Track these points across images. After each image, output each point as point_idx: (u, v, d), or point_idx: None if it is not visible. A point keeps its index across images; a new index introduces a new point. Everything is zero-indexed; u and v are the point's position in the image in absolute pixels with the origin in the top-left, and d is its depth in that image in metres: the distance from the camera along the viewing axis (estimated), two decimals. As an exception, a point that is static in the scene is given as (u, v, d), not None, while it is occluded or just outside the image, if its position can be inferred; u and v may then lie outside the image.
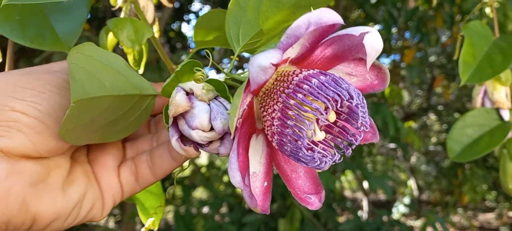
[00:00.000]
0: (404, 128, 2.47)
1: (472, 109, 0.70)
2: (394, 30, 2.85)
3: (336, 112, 0.35)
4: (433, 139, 4.35)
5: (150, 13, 0.70)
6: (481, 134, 0.66)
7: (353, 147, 0.36)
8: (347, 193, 4.90)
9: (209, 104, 0.36)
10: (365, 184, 3.22)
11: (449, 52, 3.02)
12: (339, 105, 0.31)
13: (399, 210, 3.64)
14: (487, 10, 0.91)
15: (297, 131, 0.32)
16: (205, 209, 2.50)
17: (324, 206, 2.24)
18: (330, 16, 0.29)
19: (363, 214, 3.32)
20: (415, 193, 4.39)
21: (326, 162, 0.34)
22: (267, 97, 0.34)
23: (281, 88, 0.33)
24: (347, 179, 4.38)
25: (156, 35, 0.69)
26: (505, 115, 0.68)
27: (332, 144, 0.36)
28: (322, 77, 0.32)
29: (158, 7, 1.08)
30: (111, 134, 0.42)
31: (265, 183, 0.37)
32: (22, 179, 0.34)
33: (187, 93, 0.37)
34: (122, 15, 0.67)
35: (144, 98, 0.40)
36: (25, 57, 1.55)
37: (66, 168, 0.39)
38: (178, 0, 2.61)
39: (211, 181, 2.57)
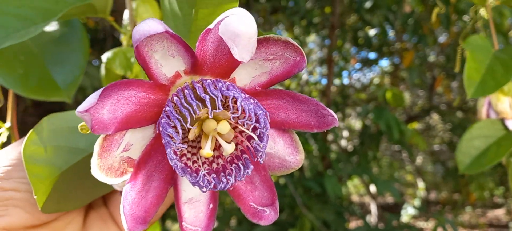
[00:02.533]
0: (408, 130, 2.48)
1: (477, 121, 0.72)
2: (391, 32, 2.87)
3: (238, 126, 0.33)
4: (437, 139, 4.35)
5: None
6: (488, 145, 0.68)
7: (262, 154, 0.32)
8: (354, 198, 4.89)
9: None
10: (372, 188, 3.22)
11: (448, 52, 3.04)
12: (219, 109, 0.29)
13: (408, 212, 3.63)
14: (482, 11, 0.92)
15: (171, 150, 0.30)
16: (214, 224, 2.49)
17: (333, 214, 2.24)
18: (145, 27, 0.27)
19: (372, 218, 3.32)
20: (423, 193, 4.38)
21: (225, 181, 0.32)
22: None
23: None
24: (353, 183, 4.37)
25: None
26: (510, 125, 0.69)
27: (241, 159, 0.33)
28: (186, 91, 0.30)
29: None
30: None
31: (211, 205, 0.35)
32: None
33: None
34: (124, 44, 0.69)
35: None
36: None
37: (79, 221, 0.41)
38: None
39: (218, 195, 2.58)
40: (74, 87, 0.55)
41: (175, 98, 0.30)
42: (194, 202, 0.35)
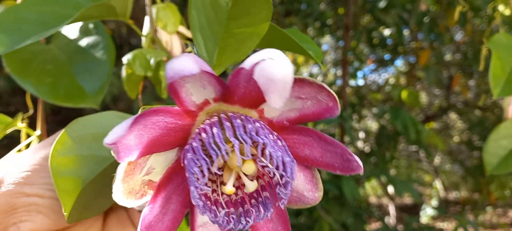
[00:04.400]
0: (425, 129, 2.45)
1: (504, 120, 0.71)
2: (406, 31, 2.85)
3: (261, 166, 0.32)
4: (456, 138, 4.28)
5: (176, 48, 0.72)
6: (516, 145, 0.67)
7: (284, 200, 0.32)
8: (372, 199, 4.84)
9: None
10: (390, 189, 3.19)
11: (464, 50, 2.99)
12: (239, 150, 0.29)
13: (426, 213, 3.58)
14: (501, 7, 0.91)
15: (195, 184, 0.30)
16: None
17: (351, 216, 2.22)
18: (180, 67, 0.26)
19: (390, 219, 3.28)
20: (442, 193, 4.32)
21: (245, 223, 0.32)
22: None
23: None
24: (371, 185, 4.33)
25: None
26: (538, 124, 0.68)
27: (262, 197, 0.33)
28: (214, 129, 0.30)
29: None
30: None
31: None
32: None
33: None
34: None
35: None
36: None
37: (98, 225, 0.41)
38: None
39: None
40: (101, 94, 0.55)
41: (204, 135, 0.30)
42: (209, 227, 0.35)
